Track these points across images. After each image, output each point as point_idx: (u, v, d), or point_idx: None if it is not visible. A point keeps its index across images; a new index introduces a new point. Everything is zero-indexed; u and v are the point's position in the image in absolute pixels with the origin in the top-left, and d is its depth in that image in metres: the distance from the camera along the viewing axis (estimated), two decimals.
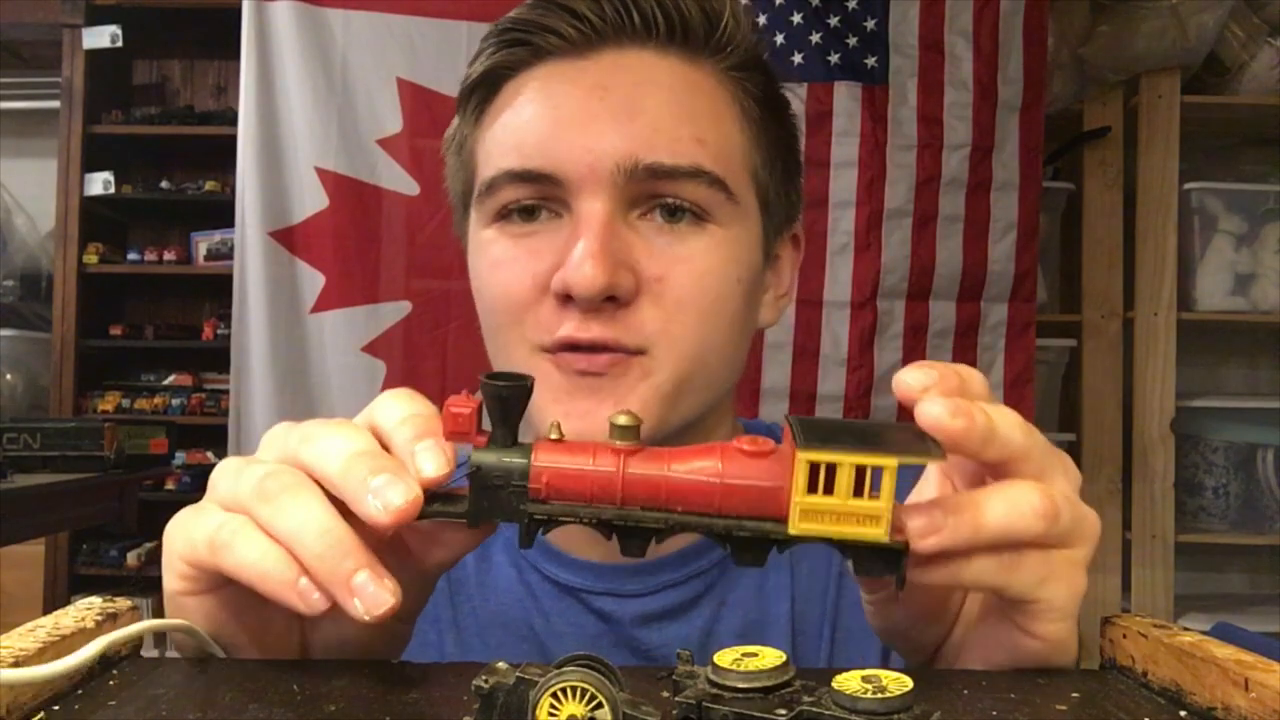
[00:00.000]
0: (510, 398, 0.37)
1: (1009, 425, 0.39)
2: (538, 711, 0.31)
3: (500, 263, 0.60)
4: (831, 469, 0.34)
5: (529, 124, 0.60)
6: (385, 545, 0.40)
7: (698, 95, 0.61)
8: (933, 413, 0.37)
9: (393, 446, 0.40)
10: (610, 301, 0.56)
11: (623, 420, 0.37)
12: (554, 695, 0.31)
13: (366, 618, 0.37)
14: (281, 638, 0.45)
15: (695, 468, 0.36)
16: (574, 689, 0.31)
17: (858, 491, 0.34)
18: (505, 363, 0.61)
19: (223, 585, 0.42)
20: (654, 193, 0.58)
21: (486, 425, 0.39)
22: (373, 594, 0.37)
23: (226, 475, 0.42)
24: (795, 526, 0.35)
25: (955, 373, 0.39)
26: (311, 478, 0.40)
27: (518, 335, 0.60)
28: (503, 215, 0.61)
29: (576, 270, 0.55)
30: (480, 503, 0.37)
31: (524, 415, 0.45)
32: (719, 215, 0.60)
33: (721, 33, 0.61)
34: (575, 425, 0.53)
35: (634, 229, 0.59)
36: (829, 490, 0.34)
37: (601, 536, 0.55)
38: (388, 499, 0.37)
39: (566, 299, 0.56)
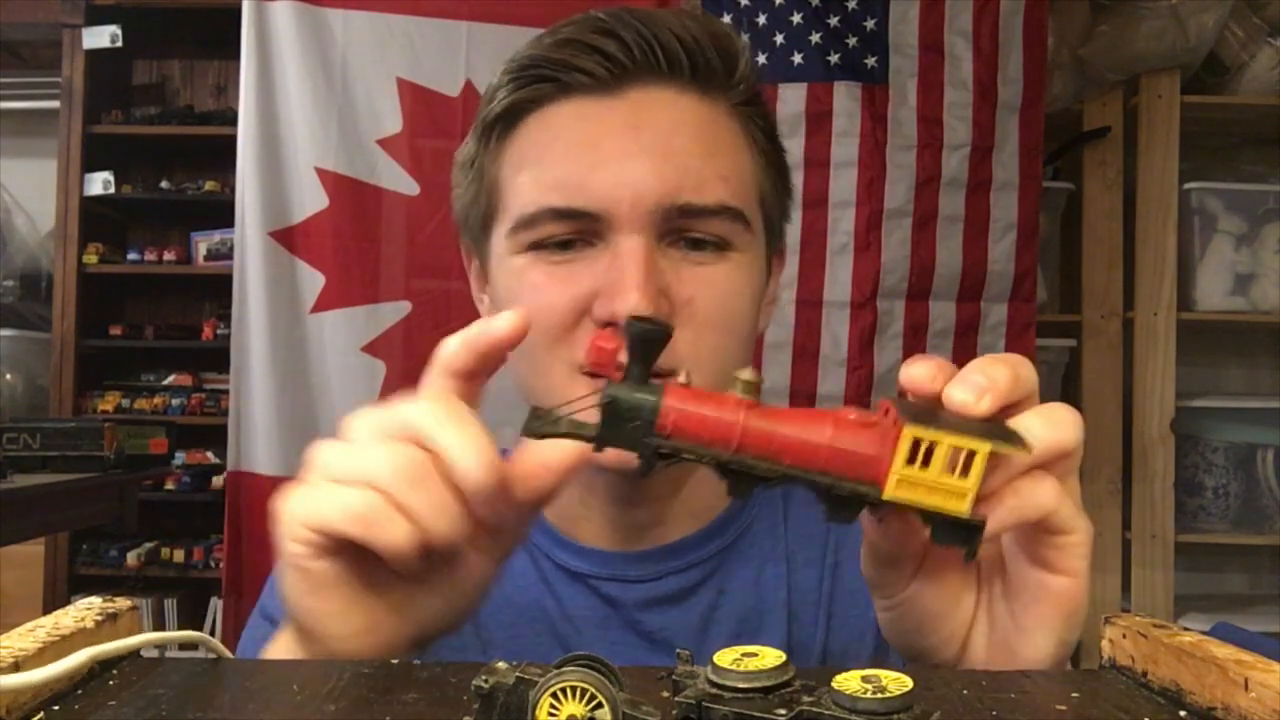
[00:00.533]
0: (650, 340, 0.40)
1: (1021, 364, 0.43)
2: (538, 711, 0.31)
3: (539, 288, 0.64)
4: (931, 447, 0.38)
5: (565, 161, 0.63)
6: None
7: (718, 132, 0.66)
8: (959, 399, 0.40)
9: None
10: None
11: (747, 375, 0.40)
12: (554, 695, 0.31)
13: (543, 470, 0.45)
14: (386, 591, 0.47)
15: (808, 428, 0.40)
16: (574, 689, 0.31)
17: (949, 470, 0.38)
18: (542, 382, 0.65)
19: (344, 549, 0.44)
20: (684, 228, 0.63)
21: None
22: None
23: (339, 453, 0.45)
24: (889, 492, 0.39)
25: (950, 365, 0.43)
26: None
27: (555, 357, 0.63)
28: (537, 244, 0.64)
29: (624, 300, 0.59)
30: (609, 431, 0.40)
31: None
32: (738, 243, 0.65)
33: (737, 74, 0.66)
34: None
35: (665, 257, 0.63)
36: (925, 465, 0.38)
37: (608, 527, 0.63)
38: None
39: (609, 325, 0.61)
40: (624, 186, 0.61)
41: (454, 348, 0.46)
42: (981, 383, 0.41)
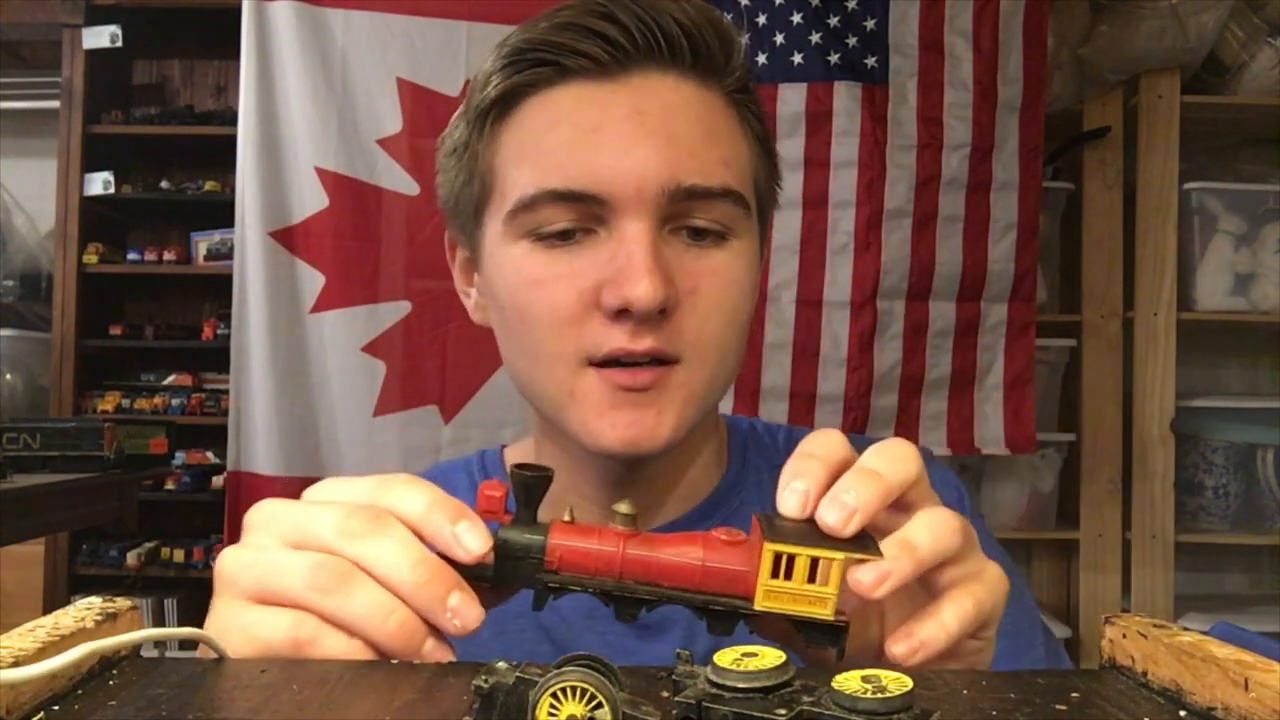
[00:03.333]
0: (535, 486, 0.43)
1: (897, 464, 0.45)
2: (538, 711, 0.31)
3: (541, 281, 0.62)
4: (791, 559, 0.41)
5: (568, 145, 0.62)
6: None
7: (717, 117, 0.65)
8: (829, 522, 0.42)
9: (427, 532, 0.43)
10: (660, 314, 0.60)
11: (624, 509, 0.43)
12: (554, 695, 0.31)
13: (465, 632, 0.42)
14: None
15: (682, 552, 0.43)
16: (574, 689, 0.31)
17: (811, 579, 0.41)
18: (545, 376, 0.64)
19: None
20: (686, 212, 0.63)
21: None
22: (466, 610, 0.42)
23: (276, 567, 0.44)
24: (760, 603, 0.42)
25: (826, 478, 0.44)
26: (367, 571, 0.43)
27: (561, 349, 0.62)
28: (536, 232, 0.63)
29: (634, 287, 0.59)
30: (504, 570, 0.43)
31: (568, 431, 0.64)
32: (738, 230, 0.65)
33: (733, 59, 0.66)
34: (621, 434, 0.62)
35: (668, 244, 0.62)
36: (788, 576, 0.41)
37: (600, 513, 0.65)
38: (468, 545, 0.42)
39: (620, 313, 0.60)
40: (629, 171, 0.61)
41: (418, 513, 0.44)
42: (849, 504, 0.42)
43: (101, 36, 2.96)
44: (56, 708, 0.35)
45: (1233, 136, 2.53)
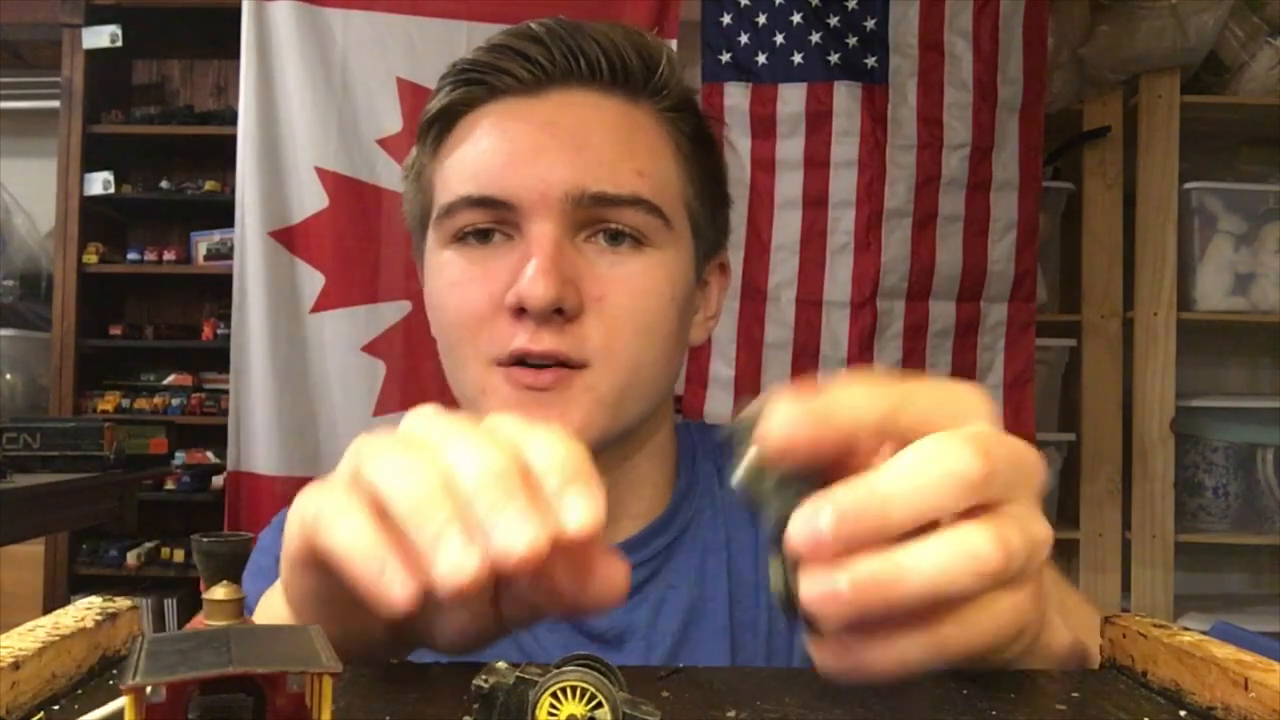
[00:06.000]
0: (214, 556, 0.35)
1: (930, 481, 0.33)
2: (537, 711, 0.31)
3: (458, 283, 0.66)
4: None
5: (485, 155, 0.66)
6: None
7: (637, 132, 0.67)
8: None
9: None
10: (558, 315, 0.62)
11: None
12: (554, 695, 0.31)
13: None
14: (369, 624, 0.41)
15: None
16: (574, 689, 0.31)
17: None
18: (462, 376, 0.67)
19: (319, 563, 0.38)
20: (598, 219, 0.64)
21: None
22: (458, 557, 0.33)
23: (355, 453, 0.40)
24: None
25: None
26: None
27: (473, 350, 0.65)
28: (459, 238, 0.66)
29: (529, 285, 0.60)
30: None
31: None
32: (656, 240, 0.66)
33: (658, 77, 0.68)
34: None
35: (580, 251, 0.64)
36: None
37: None
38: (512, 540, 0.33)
39: (519, 312, 0.62)
40: (535, 177, 0.63)
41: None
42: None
43: (101, 36, 2.96)
44: (56, 707, 0.35)
45: (1233, 136, 2.53)
